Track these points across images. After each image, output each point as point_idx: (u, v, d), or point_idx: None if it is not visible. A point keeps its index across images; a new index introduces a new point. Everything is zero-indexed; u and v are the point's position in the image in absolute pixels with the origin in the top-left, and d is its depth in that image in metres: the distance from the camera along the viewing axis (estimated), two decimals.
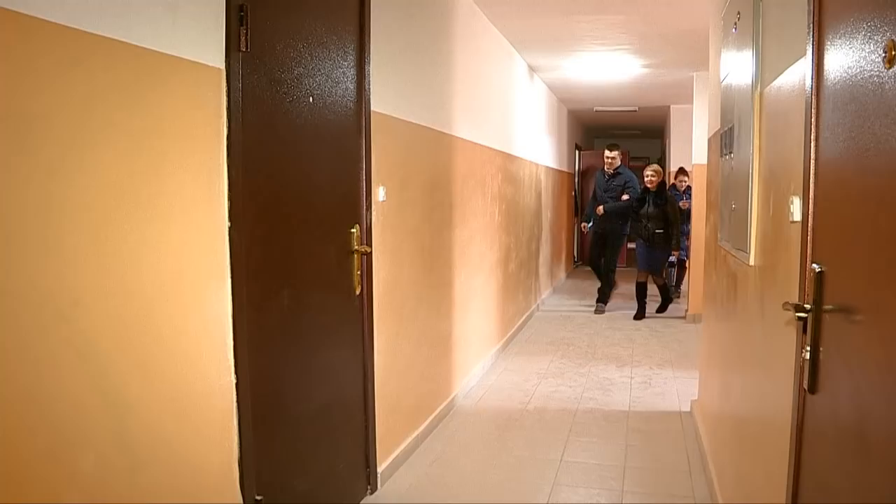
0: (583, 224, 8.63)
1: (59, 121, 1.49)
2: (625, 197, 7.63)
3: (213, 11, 1.98)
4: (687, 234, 7.75)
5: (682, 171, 8.45)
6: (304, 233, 2.56)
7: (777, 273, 2.02)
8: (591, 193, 8.54)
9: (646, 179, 7.24)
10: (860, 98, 1.33)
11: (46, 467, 1.49)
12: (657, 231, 7.18)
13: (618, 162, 7.87)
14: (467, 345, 4.81)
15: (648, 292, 7.61)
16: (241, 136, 2.08)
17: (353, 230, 2.87)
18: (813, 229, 1.61)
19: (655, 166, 7.41)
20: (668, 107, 9.82)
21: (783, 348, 1.84)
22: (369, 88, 2.96)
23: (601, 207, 7.71)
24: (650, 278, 7.57)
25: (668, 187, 7.70)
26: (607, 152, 7.83)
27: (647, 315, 7.48)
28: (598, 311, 7.74)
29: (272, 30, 2.26)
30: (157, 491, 1.80)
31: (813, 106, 1.62)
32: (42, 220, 1.46)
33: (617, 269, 8.03)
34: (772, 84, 2.15)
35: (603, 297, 7.87)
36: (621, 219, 7.69)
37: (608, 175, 7.89)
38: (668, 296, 7.72)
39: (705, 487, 3.23)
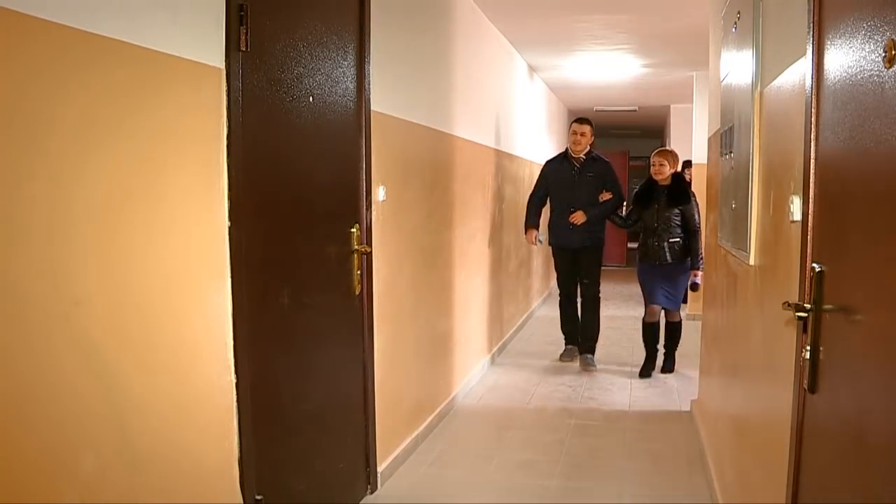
0: (531, 233, 5.51)
1: (60, 121, 1.48)
2: (606, 196, 5.25)
3: (213, 11, 1.98)
4: None
5: (688, 164, 7.21)
6: (304, 232, 2.56)
7: (777, 273, 2.02)
8: (533, 190, 5.64)
9: (653, 169, 5.04)
10: (860, 97, 1.33)
11: (47, 467, 1.49)
12: (672, 241, 4.91)
13: (588, 142, 5.31)
14: (467, 344, 4.81)
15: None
16: (241, 136, 2.08)
17: (353, 230, 2.87)
18: (813, 229, 1.61)
19: (667, 150, 5.19)
20: (668, 106, 9.82)
21: (783, 348, 1.84)
22: (369, 88, 2.95)
23: (579, 214, 5.15)
24: (665, 314, 5.20)
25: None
26: (576, 126, 5.31)
27: (655, 370, 5.21)
28: (586, 366, 5.34)
29: (272, 29, 2.26)
30: (158, 490, 1.79)
31: (813, 105, 1.62)
32: (44, 220, 1.45)
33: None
34: (772, 83, 2.15)
35: (589, 340, 5.45)
36: (602, 225, 5.36)
37: (578, 163, 5.28)
38: (678, 340, 5.27)
39: (705, 487, 3.22)
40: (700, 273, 4.89)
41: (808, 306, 1.54)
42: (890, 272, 1.17)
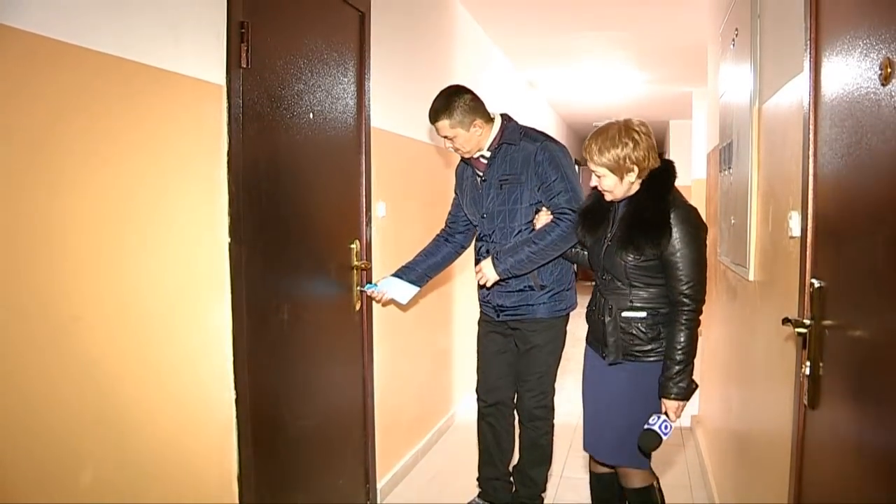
0: (367, 291, 2.91)
1: (61, 136, 1.49)
2: (543, 220, 2.66)
3: (214, 28, 1.99)
4: None
5: None
6: (304, 248, 2.57)
7: (776, 288, 2.02)
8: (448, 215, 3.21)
9: (594, 172, 2.22)
10: (857, 114, 1.34)
11: (47, 481, 1.48)
12: (628, 316, 2.18)
13: (470, 141, 2.75)
14: (467, 359, 4.79)
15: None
16: (241, 152, 2.09)
17: (352, 246, 2.87)
18: (812, 244, 1.62)
19: (616, 125, 2.27)
20: (668, 122, 9.86)
21: (783, 363, 1.84)
22: (369, 104, 2.97)
23: (484, 266, 2.71)
24: (620, 473, 2.33)
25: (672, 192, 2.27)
26: (436, 126, 2.77)
27: None
28: None
29: (273, 46, 2.27)
30: None
31: (811, 122, 1.63)
32: (44, 236, 1.46)
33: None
34: (770, 100, 2.16)
35: (530, 485, 3.03)
36: (559, 273, 2.81)
37: (479, 168, 2.83)
38: None
39: (706, 502, 3.20)
40: (678, 408, 2.13)
41: (807, 322, 1.54)
42: (889, 287, 1.18)
